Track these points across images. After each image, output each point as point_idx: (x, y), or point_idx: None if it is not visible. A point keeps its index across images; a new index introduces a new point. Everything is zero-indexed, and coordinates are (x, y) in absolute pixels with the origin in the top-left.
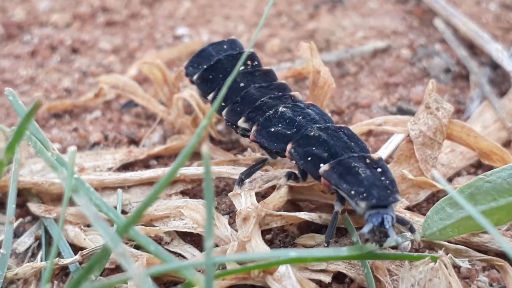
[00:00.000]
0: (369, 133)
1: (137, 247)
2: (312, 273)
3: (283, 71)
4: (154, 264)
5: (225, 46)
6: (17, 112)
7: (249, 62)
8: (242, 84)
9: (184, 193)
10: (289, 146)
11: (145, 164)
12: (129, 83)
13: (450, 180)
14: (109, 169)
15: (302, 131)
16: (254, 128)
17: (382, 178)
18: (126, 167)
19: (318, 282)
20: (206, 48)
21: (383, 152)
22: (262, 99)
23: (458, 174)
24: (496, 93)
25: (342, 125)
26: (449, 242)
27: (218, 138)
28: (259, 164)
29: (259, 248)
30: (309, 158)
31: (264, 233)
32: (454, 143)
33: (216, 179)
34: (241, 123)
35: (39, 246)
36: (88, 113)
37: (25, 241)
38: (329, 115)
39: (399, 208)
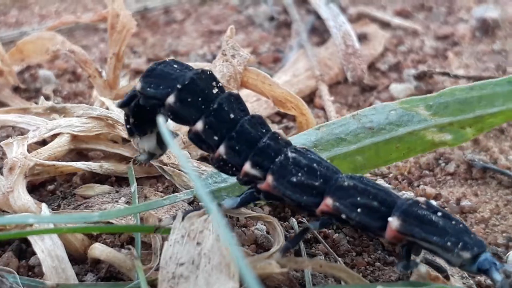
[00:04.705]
0: None
1: None
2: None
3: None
4: None
5: (175, 66)
6: None
7: (214, 84)
8: (232, 116)
9: None
10: (329, 201)
11: None
12: None
13: None
14: None
15: (333, 182)
16: (270, 177)
17: (454, 222)
18: None
19: (89, 234)
20: (155, 67)
21: None
22: (264, 141)
23: None
24: (317, 41)
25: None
26: None
27: (22, 87)
28: (303, 232)
29: (21, 200)
30: (359, 210)
31: (47, 183)
32: None
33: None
34: (248, 168)
35: None
36: None
37: None
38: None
39: None
